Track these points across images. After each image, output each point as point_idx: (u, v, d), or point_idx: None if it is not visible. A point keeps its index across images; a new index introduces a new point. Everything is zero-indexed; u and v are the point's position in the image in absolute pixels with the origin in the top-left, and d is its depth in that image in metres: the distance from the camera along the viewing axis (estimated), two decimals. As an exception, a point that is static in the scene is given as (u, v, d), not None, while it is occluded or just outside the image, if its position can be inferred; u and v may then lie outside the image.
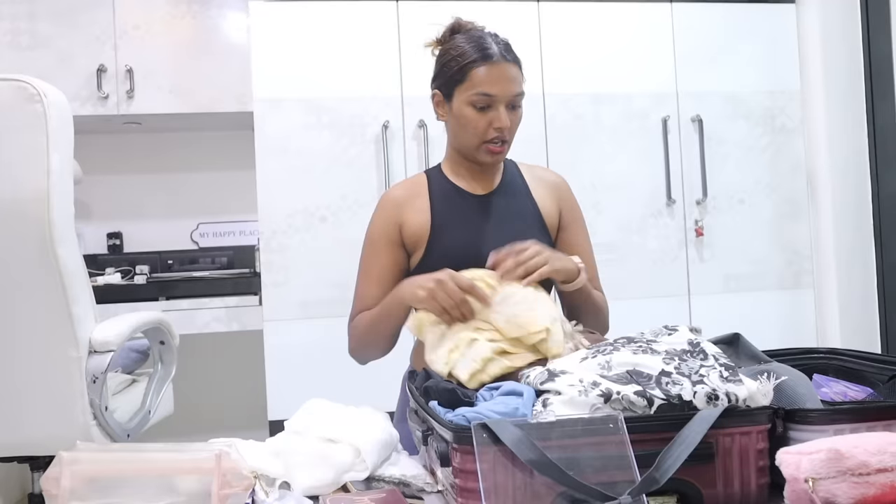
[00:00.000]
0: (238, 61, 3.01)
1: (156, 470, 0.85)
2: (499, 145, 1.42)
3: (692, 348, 0.96)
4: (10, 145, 1.62)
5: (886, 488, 0.76)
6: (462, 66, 1.40)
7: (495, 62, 1.38)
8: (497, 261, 1.27)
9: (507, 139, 1.43)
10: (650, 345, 0.98)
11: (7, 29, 2.96)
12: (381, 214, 1.52)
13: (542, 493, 0.78)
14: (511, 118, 1.41)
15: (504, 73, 1.39)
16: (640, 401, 0.87)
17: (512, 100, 1.40)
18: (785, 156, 2.95)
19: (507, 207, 1.50)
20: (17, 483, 2.68)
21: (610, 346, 1.00)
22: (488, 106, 1.39)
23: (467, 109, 1.40)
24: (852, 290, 2.85)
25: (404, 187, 1.55)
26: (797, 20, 2.96)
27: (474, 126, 1.41)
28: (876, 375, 1.09)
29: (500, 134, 1.40)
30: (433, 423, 0.91)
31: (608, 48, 2.85)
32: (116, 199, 3.38)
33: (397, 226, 1.50)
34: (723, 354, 0.97)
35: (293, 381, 2.62)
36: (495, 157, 1.44)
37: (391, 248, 1.50)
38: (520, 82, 1.41)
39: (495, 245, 1.40)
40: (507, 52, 1.41)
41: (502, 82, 1.38)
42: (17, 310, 1.70)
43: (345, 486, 0.99)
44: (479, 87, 1.38)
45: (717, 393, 0.87)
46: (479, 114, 1.40)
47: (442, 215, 1.49)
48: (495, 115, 1.39)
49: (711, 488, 0.85)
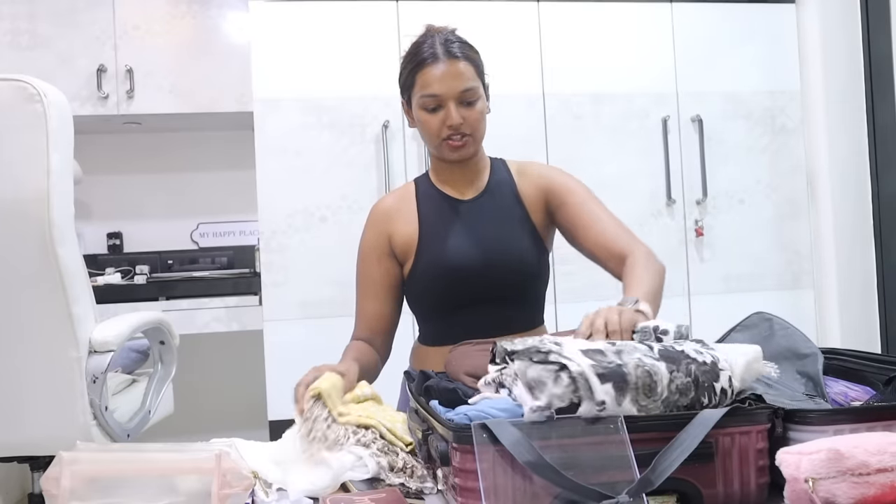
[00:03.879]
0: (238, 61, 3.01)
1: (156, 470, 0.85)
2: (458, 140, 1.42)
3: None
4: (10, 145, 1.62)
5: (886, 488, 0.76)
6: (409, 71, 1.43)
7: (436, 62, 1.39)
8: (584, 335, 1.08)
9: (468, 132, 1.42)
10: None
11: (7, 29, 2.96)
12: (370, 227, 1.53)
13: (541, 492, 0.78)
14: (466, 114, 1.40)
15: (446, 71, 1.39)
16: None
17: (460, 96, 1.40)
18: (785, 156, 2.95)
19: (493, 211, 1.49)
20: (17, 483, 2.68)
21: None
22: (438, 106, 1.40)
23: (421, 113, 1.43)
24: (852, 290, 2.85)
25: (394, 197, 1.56)
26: (797, 20, 2.96)
27: (429, 127, 1.43)
28: (876, 375, 1.09)
29: (455, 130, 1.41)
30: (433, 422, 0.91)
31: (608, 48, 2.85)
32: (116, 199, 3.38)
33: (387, 237, 1.51)
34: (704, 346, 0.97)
35: (293, 381, 2.60)
36: (459, 153, 1.44)
37: (382, 261, 1.51)
38: (467, 77, 1.40)
39: (482, 250, 1.44)
40: (452, 50, 1.40)
41: (445, 81, 1.39)
42: (18, 310, 1.70)
43: (345, 485, 0.99)
44: (424, 89, 1.40)
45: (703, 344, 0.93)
46: (432, 115, 1.42)
47: (429, 223, 1.49)
48: (446, 114, 1.40)
49: (711, 488, 0.85)
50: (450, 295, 1.46)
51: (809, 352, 1.11)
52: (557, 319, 2.58)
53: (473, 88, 1.41)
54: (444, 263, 1.44)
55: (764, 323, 1.21)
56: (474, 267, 1.44)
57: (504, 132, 2.05)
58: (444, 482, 0.91)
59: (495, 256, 1.45)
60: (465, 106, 1.41)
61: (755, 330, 1.21)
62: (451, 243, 1.46)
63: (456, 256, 1.44)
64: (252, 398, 3.00)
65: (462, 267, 1.44)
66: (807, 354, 1.11)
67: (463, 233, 1.47)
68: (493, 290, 1.45)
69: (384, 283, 1.50)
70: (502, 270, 1.45)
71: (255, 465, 0.97)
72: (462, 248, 1.45)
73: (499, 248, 1.45)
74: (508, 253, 1.46)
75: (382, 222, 1.52)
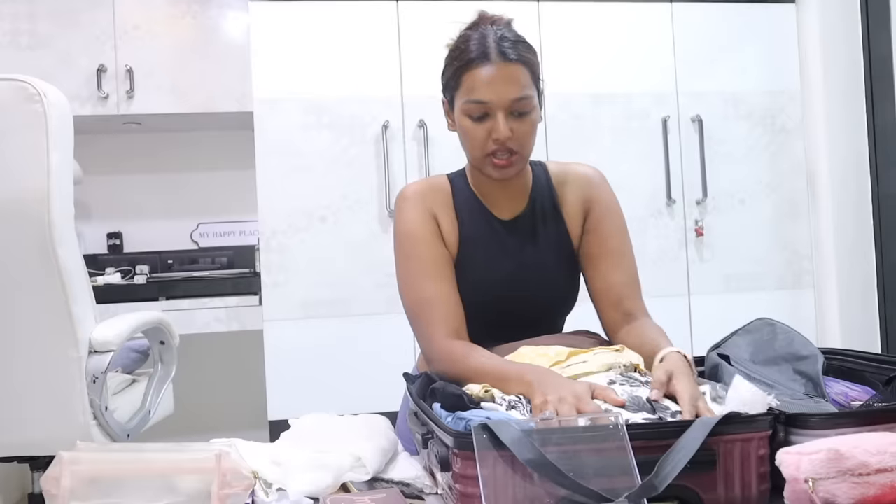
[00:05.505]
0: (238, 61, 3.01)
1: (156, 470, 0.85)
2: (505, 158, 1.24)
3: None
4: (10, 145, 1.62)
5: (886, 488, 0.76)
6: (456, 69, 1.25)
7: (487, 63, 1.21)
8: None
9: (515, 149, 1.24)
10: None
11: (7, 29, 2.96)
12: (412, 208, 1.31)
13: (542, 497, 0.77)
14: (516, 126, 1.22)
15: (500, 75, 1.20)
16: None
17: (511, 105, 1.22)
18: (785, 156, 2.95)
19: (533, 236, 1.34)
20: (17, 483, 2.68)
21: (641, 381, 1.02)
22: (486, 114, 1.22)
23: (465, 120, 1.25)
24: (852, 290, 2.85)
25: (426, 185, 1.37)
26: (797, 20, 2.96)
27: (472, 138, 1.25)
28: (876, 375, 1.09)
29: (501, 146, 1.23)
30: (433, 426, 0.90)
31: (608, 48, 2.85)
32: (116, 199, 3.38)
33: (434, 219, 1.32)
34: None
35: (293, 381, 2.61)
36: (503, 172, 1.26)
37: (437, 241, 1.30)
38: (522, 84, 1.22)
39: (515, 279, 1.32)
40: (507, 51, 1.22)
41: (497, 86, 1.20)
42: (17, 310, 1.70)
43: (345, 486, 0.99)
44: (471, 93, 1.22)
45: None
46: (477, 124, 1.23)
47: (469, 236, 1.33)
48: (493, 125, 1.22)
49: (712, 494, 0.84)
50: (477, 319, 1.29)
51: (809, 353, 1.11)
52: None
53: (528, 98, 1.23)
54: (477, 289, 1.30)
55: (766, 328, 1.21)
56: (509, 296, 1.32)
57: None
58: (444, 487, 0.91)
59: (532, 287, 1.33)
60: (516, 117, 1.23)
61: (757, 334, 1.21)
62: (488, 270, 1.32)
63: (492, 285, 1.31)
64: (252, 398, 3.00)
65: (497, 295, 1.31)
66: (806, 356, 1.11)
67: (500, 258, 1.33)
68: (523, 318, 1.33)
69: (448, 264, 1.29)
70: (536, 302, 1.35)
71: (255, 465, 0.97)
72: (498, 278, 1.32)
73: (536, 279, 1.33)
74: (545, 284, 1.34)
75: (425, 204, 1.32)
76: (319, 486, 0.96)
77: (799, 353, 1.12)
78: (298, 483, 0.96)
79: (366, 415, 1.20)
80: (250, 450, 1.06)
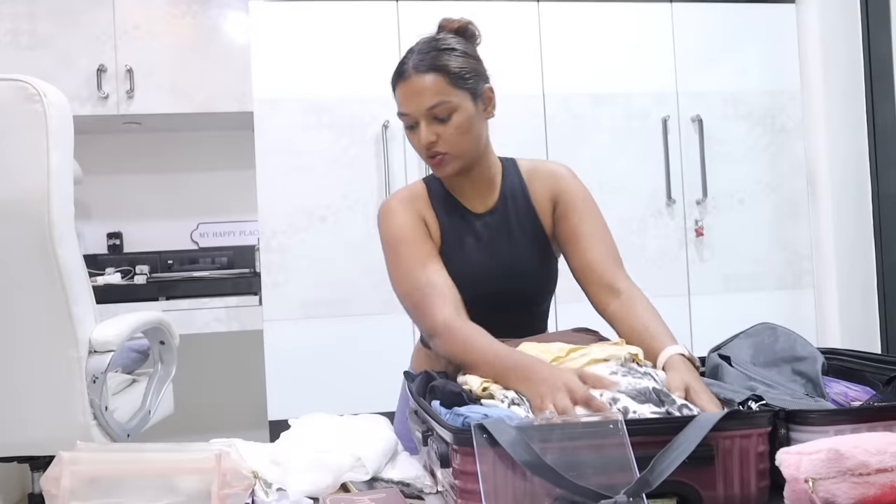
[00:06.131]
0: (238, 61, 3.01)
1: (156, 470, 0.85)
2: (437, 158, 1.33)
3: None
4: (10, 145, 1.62)
5: (886, 488, 0.76)
6: (392, 87, 1.36)
7: (404, 78, 1.32)
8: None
9: (444, 151, 1.32)
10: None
11: (7, 29, 2.96)
12: (400, 213, 1.39)
13: (541, 494, 0.77)
14: (442, 130, 1.31)
15: (413, 88, 1.30)
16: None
17: (429, 113, 1.30)
18: (785, 156, 2.95)
19: (506, 227, 1.43)
20: (17, 483, 2.68)
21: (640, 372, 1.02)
22: (415, 123, 1.33)
23: (405, 130, 1.36)
24: (852, 290, 2.85)
25: (407, 193, 1.45)
26: (797, 20, 2.96)
27: (414, 145, 1.36)
28: (876, 375, 1.09)
29: (429, 150, 1.32)
30: (433, 423, 0.91)
31: (608, 48, 2.85)
32: (116, 199, 3.38)
33: (423, 221, 1.40)
34: None
35: (293, 381, 2.62)
36: (442, 170, 1.35)
37: (427, 239, 1.38)
38: (434, 92, 1.29)
39: (491, 270, 1.39)
40: (418, 64, 1.30)
41: (412, 98, 1.31)
42: (17, 310, 1.69)
43: (345, 485, 0.99)
44: (399, 107, 1.34)
45: None
46: (411, 133, 1.35)
47: (449, 233, 1.41)
48: (419, 132, 1.32)
49: (711, 491, 0.84)
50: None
51: (808, 354, 1.11)
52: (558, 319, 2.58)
53: (444, 103, 1.30)
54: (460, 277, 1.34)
55: (767, 331, 1.21)
56: (486, 286, 1.38)
57: (504, 132, 2.04)
58: (444, 484, 0.91)
59: (508, 277, 1.40)
60: (439, 122, 1.31)
61: (758, 337, 1.21)
62: (466, 261, 1.39)
63: (470, 276, 1.36)
64: (252, 398, 3.00)
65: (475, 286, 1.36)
66: (805, 357, 1.11)
67: (476, 249, 1.41)
68: (502, 306, 1.38)
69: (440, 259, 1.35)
70: (514, 291, 1.41)
71: (255, 465, 0.97)
72: (476, 269, 1.39)
73: (512, 268, 1.40)
74: (521, 273, 1.42)
75: (411, 208, 1.40)
76: (319, 486, 0.96)
77: (798, 354, 1.13)
78: (298, 483, 0.96)
79: (366, 415, 1.20)
80: (250, 450, 1.06)
